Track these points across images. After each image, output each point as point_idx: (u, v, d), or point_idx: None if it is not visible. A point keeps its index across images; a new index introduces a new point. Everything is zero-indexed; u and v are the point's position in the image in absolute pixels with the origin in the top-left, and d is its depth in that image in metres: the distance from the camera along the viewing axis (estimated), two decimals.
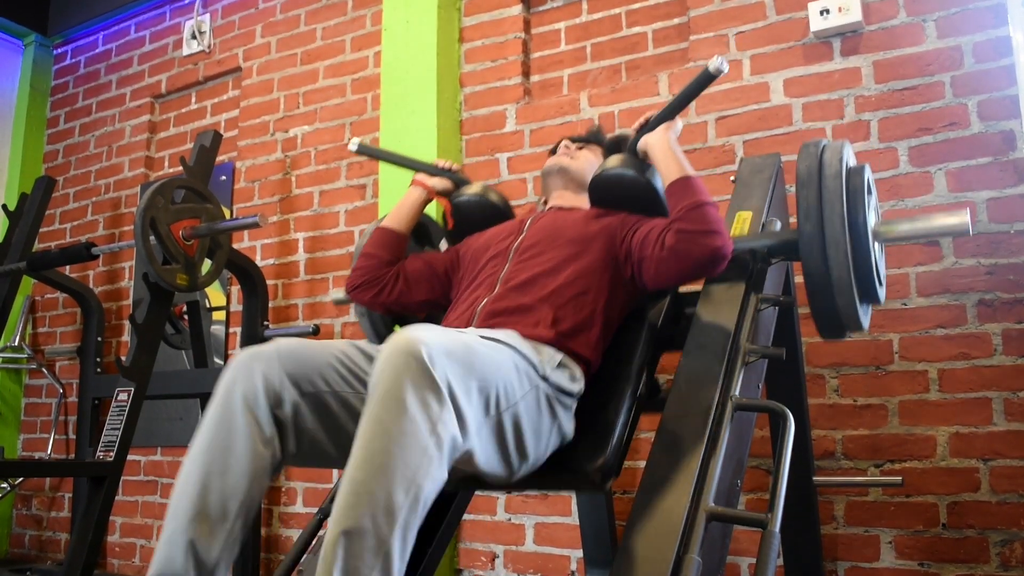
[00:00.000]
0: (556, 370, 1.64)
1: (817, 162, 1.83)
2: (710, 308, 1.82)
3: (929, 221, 1.85)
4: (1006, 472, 2.36)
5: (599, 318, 1.78)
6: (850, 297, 1.78)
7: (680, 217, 1.71)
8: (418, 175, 2.23)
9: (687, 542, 1.36)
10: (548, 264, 1.84)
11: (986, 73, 2.55)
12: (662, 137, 1.85)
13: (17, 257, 3.73)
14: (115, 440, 2.76)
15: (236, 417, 1.39)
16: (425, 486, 1.21)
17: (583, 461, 1.65)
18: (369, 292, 2.06)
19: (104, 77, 4.76)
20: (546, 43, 3.41)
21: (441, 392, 1.25)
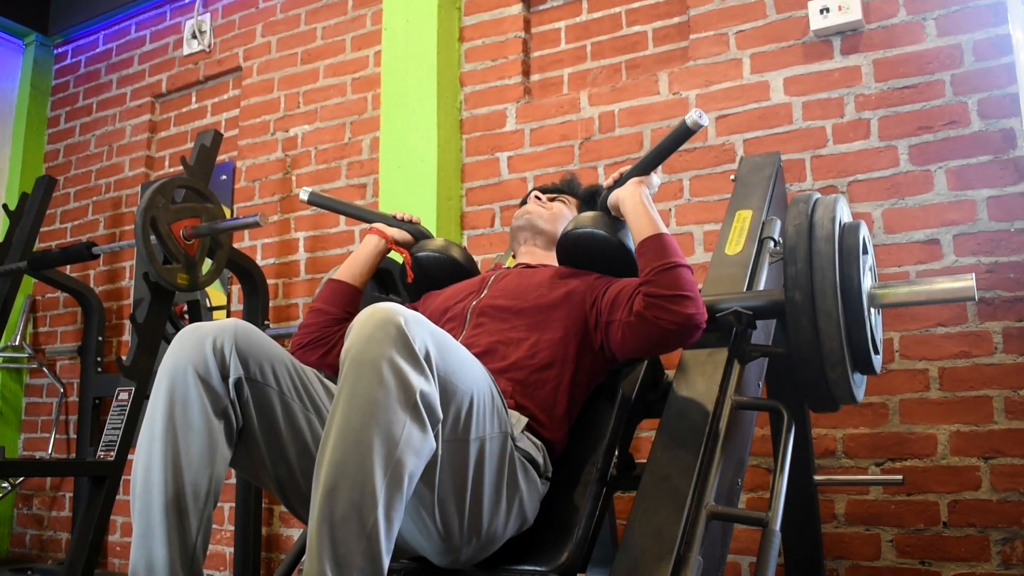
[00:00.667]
0: (522, 435, 1.52)
1: (807, 222, 1.68)
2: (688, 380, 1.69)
3: (931, 286, 1.73)
4: (1007, 470, 2.36)
5: (563, 394, 1.64)
6: (843, 370, 1.64)
7: (649, 280, 1.58)
8: (376, 224, 2.08)
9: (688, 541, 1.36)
10: (509, 332, 1.70)
11: (986, 71, 2.55)
12: (633, 192, 1.72)
13: (18, 256, 3.73)
14: (116, 440, 2.76)
15: (188, 387, 1.31)
16: (407, 461, 1.15)
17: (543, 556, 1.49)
18: (316, 352, 1.87)
19: (105, 77, 4.76)
20: (546, 42, 3.41)
21: (419, 361, 1.18)
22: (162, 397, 1.32)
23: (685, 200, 2.93)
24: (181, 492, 1.28)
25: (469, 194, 3.38)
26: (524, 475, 1.48)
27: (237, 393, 1.36)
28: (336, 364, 1.64)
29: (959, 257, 2.50)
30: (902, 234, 2.58)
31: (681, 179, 2.94)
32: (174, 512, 1.27)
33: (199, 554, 1.30)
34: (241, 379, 1.35)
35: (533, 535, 1.53)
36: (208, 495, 1.31)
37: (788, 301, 1.63)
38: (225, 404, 1.34)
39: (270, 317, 3.61)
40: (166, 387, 1.32)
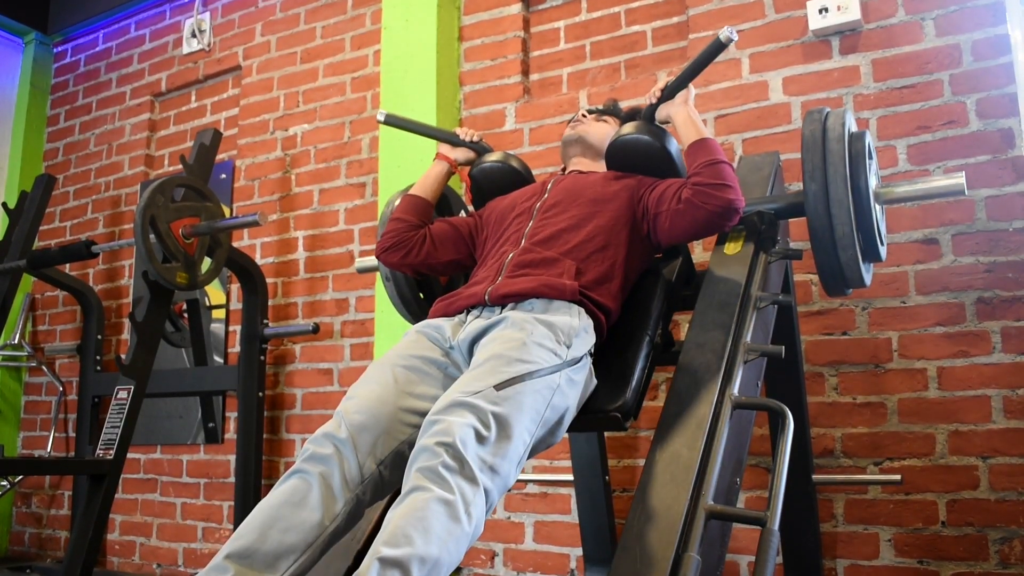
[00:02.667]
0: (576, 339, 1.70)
1: (821, 127, 1.92)
2: (722, 265, 1.93)
3: (927, 183, 2.00)
4: (1005, 470, 2.37)
5: (619, 271, 1.88)
6: (853, 252, 1.88)
7: (697, 172, 1.82)
8: (441, 147, 2.32)
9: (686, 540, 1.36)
10: (570, 221, 1.93)
11: (985, 71, 2.55)
12: (682, 107, 1.96)
13: (17, 255, 3.73)
14: (115, 438, 2.76)
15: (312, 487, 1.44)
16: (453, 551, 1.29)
17: (605, 402, 1.74)
18: (398, 253, 2.12)
19: (104, 75, 4.76)
20: (545, 42, 3.41)
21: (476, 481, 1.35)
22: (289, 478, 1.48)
23: None
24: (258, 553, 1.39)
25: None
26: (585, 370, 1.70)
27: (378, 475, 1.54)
28: (414, 263, 2.14)
29: (957, 256, 2.51)
30: (901, 234, 2.58)
31: None
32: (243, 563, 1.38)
33: None
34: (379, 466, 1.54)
35: (595, 390, 1.77)
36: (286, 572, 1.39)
37: (806, 191, 1.89)
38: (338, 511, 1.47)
39: (269, 316, 3.61)
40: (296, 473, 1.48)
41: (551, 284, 1.75)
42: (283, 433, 3.65)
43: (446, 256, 2.14)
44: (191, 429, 3.91)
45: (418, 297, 2.36)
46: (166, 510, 3.92)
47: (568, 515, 2.93)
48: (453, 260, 2.15)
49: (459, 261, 2.16)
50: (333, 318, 3.61)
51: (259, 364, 3.49)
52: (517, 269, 1.84)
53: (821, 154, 1.89)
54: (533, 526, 3.00)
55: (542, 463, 3.02)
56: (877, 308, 2.58)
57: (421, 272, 2.20)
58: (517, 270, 1.84)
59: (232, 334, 3.89)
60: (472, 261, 2.15)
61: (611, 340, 1.85)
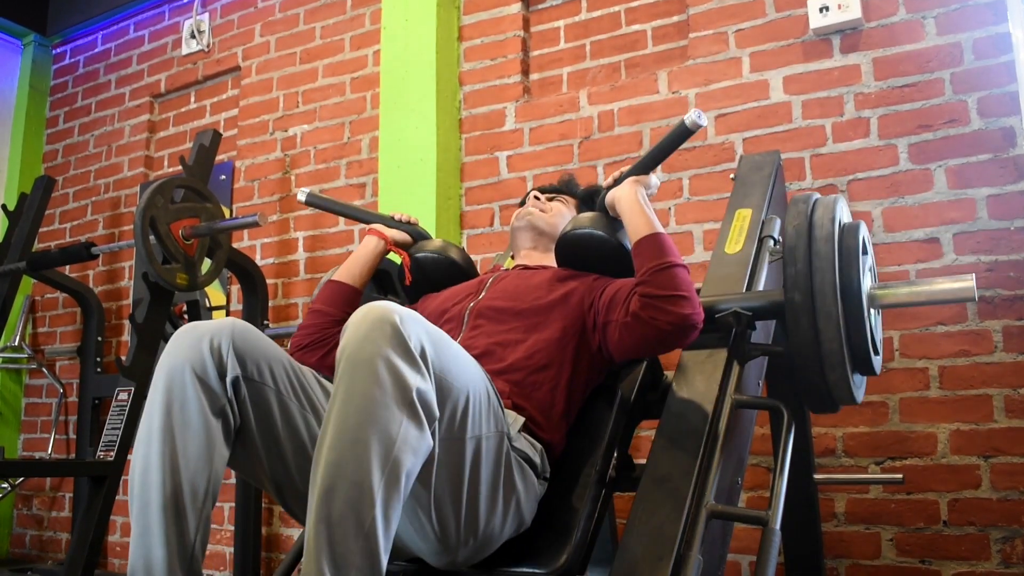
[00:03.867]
0: (519, 435, 1.52)
1: (807, 222, 1.67)
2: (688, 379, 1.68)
3: (931, 286, 1.72)
4: (1007, 469, 2.36)
5: (561, 395, 1.64)
6: (842, 372, 1.63)
7: (645, 280, 1.57)
8: (375, 225, 2.08)
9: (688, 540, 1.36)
10: (506, 334, 1.69)
11: (986, 70, 2.54)
12: (630, 191, 1.71)
13: (17, 257, 3.73)
14: (115, 440, 2.76)
15: (186, 386, 1.30)
16: (404, 459, 1.15)
17: (541, 559, 1.48)
18: (316, 354, 1.86)
19: (103, 77, 4.75)
20: (545, 41, 3.41)
21: (415, 359, 1.18)
22: (159, 396, 1.31)
23: (684, 199, 2.93)
24: (179, 492, 1.27)
25: (468, 193, 3.38)
26: (521, 475, 1.48)
27: (235, 392, 1.35)
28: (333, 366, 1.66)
29: (959, 256, 2.50)
30: (902, 233, 2.58)
31: (681, 178, 2.94)
32: (172, 512, 1.27)
33: (198, 554, 1.29)
34: (239, 378, 1.35)
35: (531, 536, 1.52)
36: (207, 494, 1.30)
37: (788, 302, 1.62)
38: (223, 403, 1.34)
39: (269, 317, 3.61)
40: (163, 386, 1.31)
41: None
42: None
43: None
44: None
45: None
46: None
47: None
48: None
49: None
50: None
51: None
52: None
53: (806, 257, 1.62)
54: None
55: None
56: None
57: None
58: None
59: None
60: None
61: (554, 477, 1.61)
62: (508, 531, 1.48)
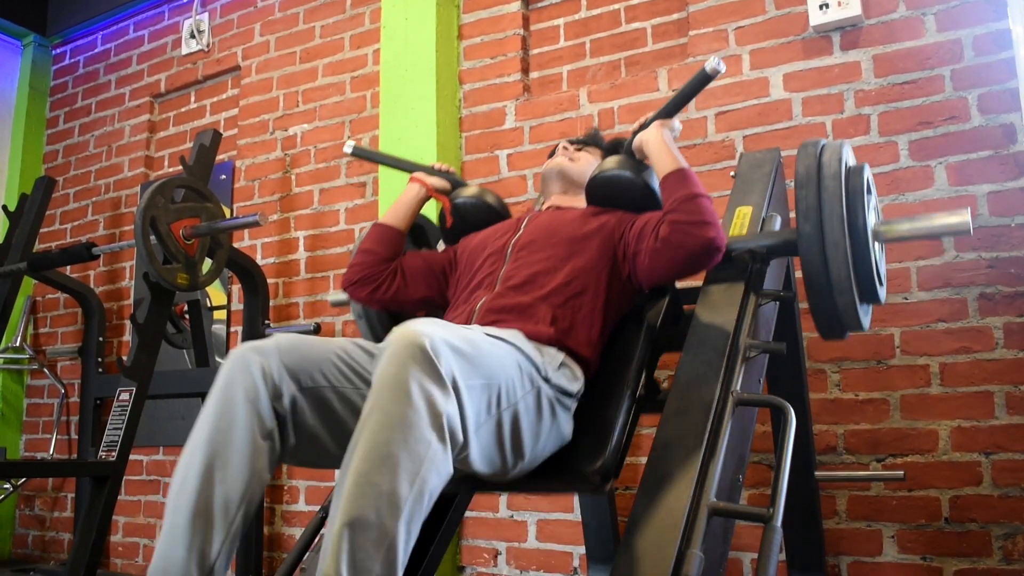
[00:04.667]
0: (558, 371, 1.64)
1: (816, 162, 1.82)
2: (709, 308, 1.80)
3: (929, 220, 1.85)
4: (1008, 466, 2.36)
5: (597, 317, 1.78)
6: (850, 297, 1.77)
7: (673, 208, 1.72)
8: (416, 173, 2.23)
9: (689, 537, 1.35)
10: (547, 263, 1.84)
11: (986, 66, 2.54)
12: (656, 133, 1.87)
13: (18, 258, 3.73)
14: (117, 440, 2.76)
15: (236, 409, 1.37)
16: (430, 479, 1.21)
17: (582, 462, 1.64)
18: (366, 288, 2.05)
19: (103, 77, 4.76)
20: (545, 39, 3.41)
21: (445, 384, 1.25)
22: (210, 415, 1.38)
23: None
24: (210, 503, 1.32)
25: None
26: (560, 407, 1.62)
27: (293, 407, 1.44)
28: (383, 299, 2.04)
29: (959, 252, 2.50)
30: None
31: None
32: (200, 521, 1.31)
33: (219, 570, 1.33)
34: (295, 394, 1.44)
35: (571, 445, 1.68)
36: (238, 512, 1.35)
37: (800, 232, 1.78)
38: (271, 428, 1.41)
39: (270, 316, 3.61)
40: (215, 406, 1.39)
41: (525, 333, 1.66)
42: None
43: (417, 293, 2.05)
44: None
45: None
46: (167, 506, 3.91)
47: (571, 513, 2.92)
48: (424, 298, 2.06)
49: (430, 299, 2.07)
50: (334, 318, 3.61)
51: None
52: (489, 315, 1.75)
53: (816, 192, 1.78)
54: (536, 524, 3.00)
55: None
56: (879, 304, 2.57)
57: (390, 309, 2.12)
58: (489, 315, 1.75)
59: (234, 335, 3.89)
60: (444, 300, 2.06)
61: (590, 393, 1.76)
62: (552, 449, 1.64)
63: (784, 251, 1.90)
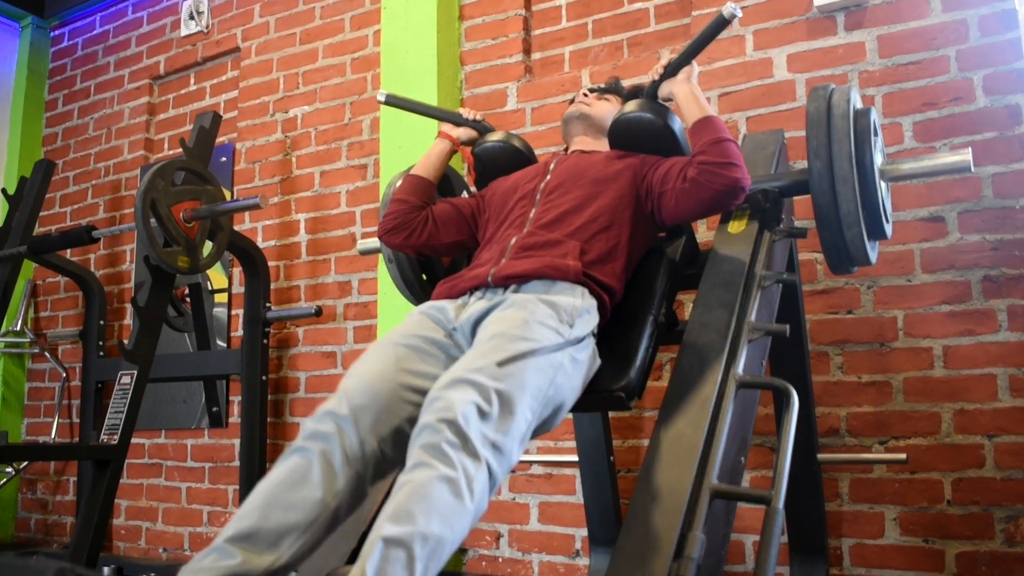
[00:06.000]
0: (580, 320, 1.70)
1: (826, 103, 1.91)
2: (726, 243, 1.91)
3: (933, 160, 2.00)
4: (1011, 448, 2.36)
5: (623, 250, 1.88)
6: (858, 230, 1.86)
7: (702, 151, 1.81)
8: (444, 126, 2.30)
9: (691, 519, 1.35)
10: (574, 202, 1.93)
11: (992, 47, 2.52)
12: (685, 84, 1.96)
13: (18, 241, 3.72)
14: (119, 423, 2.76)
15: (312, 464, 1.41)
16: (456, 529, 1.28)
17: (608, 382, 1.73)
18: (400, 235, 2.12)
19: (102, 59, 4.73)
20: (547, 20, 3.38)
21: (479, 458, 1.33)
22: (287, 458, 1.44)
23: None
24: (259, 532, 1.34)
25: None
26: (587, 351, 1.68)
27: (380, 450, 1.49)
28: (416, 244, 2.13)
29: (964, 234, 2.49)
30: (907, 211, 2.56)
31: None
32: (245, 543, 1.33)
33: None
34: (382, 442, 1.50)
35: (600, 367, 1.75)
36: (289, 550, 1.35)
37: (810, 168, 1.87)
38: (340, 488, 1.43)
39: (271, 299, 3.60)
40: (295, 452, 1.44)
41: (554, 265, 1.75)
42: (287, 416, 3.65)
43: (448, 237, 2.13)
44: (195, 414, 3.91)
45: (421, 279, 2.35)
46: (171, 495, 3.93)
47: (573, 496, 2.92)
48: (456, 241, 2.14)
49: (462, 242, 2.15)
50: (336, 301, 3.60)
51: (262, 348, 3.48)
52: (521, 251, 1.84)
53: (826, 131, 1.87)
54: (538, 507, 3.00)
55: (547, 444, 3.02)
56: (882, 287, 2.57)
57: (423, 253, 2.20)
58: (521, 252, 1.83)
59: (235, 318, 3.89)
60: (475, 242, 2.14)
61: (615, 320, 1.85)
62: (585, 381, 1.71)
63: (795, 190, 2.01)
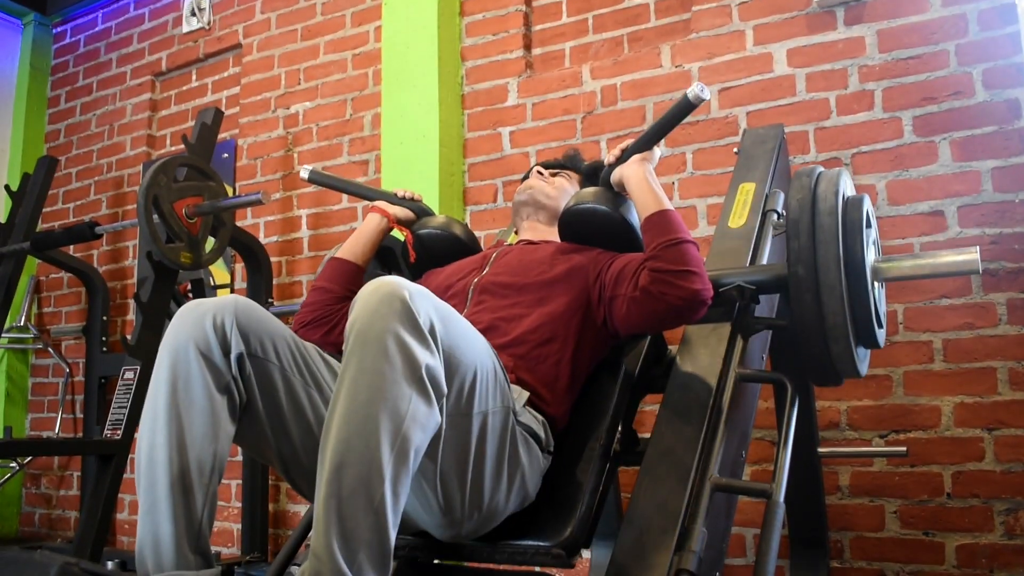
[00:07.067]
0: (523, 409, 1.52)
1: (810, 195, 1.67)
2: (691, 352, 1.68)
3: (935, 259, 1.72)
4: (1011, 441, 2.37)
5: (565, 369, 1.64)
6: (846, 344, 1.62)
7: (655, 255, 1.58)
8: (378, 202, 2.06)
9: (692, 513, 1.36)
10: (511, 309, 1.70)
11: (991, 41, 2.52)
12: (638, 168, 1.71)
13: (21, 237, 3.73)
14: (122, 418, 2.77)
15: (190, 364, 1.31)
16: (413, 436, 1.15)
17: (546, 531, 1.48)
18: (319, 330, 1.86)
19: (104, 56, 4.74)
20: (547, 15, 3.38)
21: (424, 335, 1.18)
22: (164, 375, 1.32)
23: (688, 173, 2.92)
24: (186, 469, 1.28)
25: (471, 169, 3.37)
26: (526, 449, 1.49)
27: (239, 369, 1.35)
28: (339, 343, 1.76)
29: (963, 229, 2.49)
30: (906, 206, 2.57)
31: (684, 152, 2.93)
32: (179, 488, 1.27)
33: (205, 530, 1.30)
34: (243, 355, 1.35)
35: (536, 510, 1.53)
36: (213, 471, 1.31)
37: (791, 275, 1.62)
38: (227, 380, 1.34)
39: (273, 295, 3.61)
40: (167, 364, 1.32)
41: None
42: None
43: None
44: None
45: None
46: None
47: None
48: None
49: None
50: None
51: None
52: None
53: (809, 231, 1.62)
54: None
55: None
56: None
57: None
58: None
59: None
60: None
61: (558, 451, 1.60)
62: (513, 505, 1.49)
63: (775, 289, 1.74)
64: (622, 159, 1.76)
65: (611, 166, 1.79)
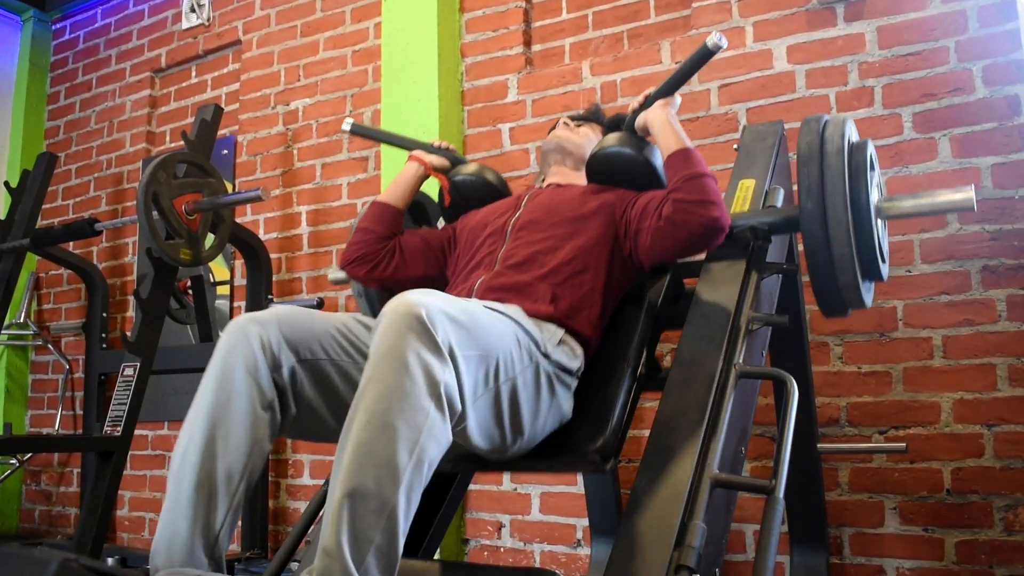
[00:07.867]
0: (557, 347, 1.63)
1: (819, 138, 1.80)
2: (710, 285, 1.79)
3: (933, 197, 1.83)
4: (1010, 438, 2.37)
5: (598, 296, 1.77)
6: (852, 274, 1.76)
7: (677, 187, 1.70)
8: (415, 151, 2.20)
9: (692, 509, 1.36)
10: (547, 242, 1.82)
11: (991, 37, 2.52)
12: (660, 112, 1.84)
13: (21, 234, 3.73)
14: (122, 415, 2.77)
15: (235, 380, 1.38)
16: (429, 448, 1.21)
17: (582, 442, 1.62)
18: (364, 267, 2.03)
19: (103, 52, 4.73)
20: (547, 12, 3.38)
21: (442, 353, 1.24)
22: (211, 383, 1.39)
23: None
24: (213, 475, 1.33)
25: None
26: (559, 383, 1.61)
27: (292, 379, 1.44)
28: (382, 278, 2.02)
29: (963, 225, 2.49)
30: None
31: None
32: (204, 492, 1.32)
33: (223, 539, 1.34)
34: (294, 366, 1.44)
35: (572, 424, 1.67)
36: (240, 482, 1.36)
37: (802, 209, 1.76)
38: (271, 398, 1.42)
39: (273, 291, 3.61)
40: (215, 375, 1.40)
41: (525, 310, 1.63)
42: None
43: (416, 271, 2.03)
44: None
45: None
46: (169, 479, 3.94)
47: (574, 486, 2.94)
48: (423, 275, 2.04)
49: (430, 277, 2.04)
50: (337, 293, 3.61)
51: None
52: (488, 293, 1.74)
53: (818, 169, 1.76)
54: (539, 497, 3.02)
55: None
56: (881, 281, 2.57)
57: (389, 287, 2.06)
58: (488, 294, 1.74)
59: (237, 310, 3.90)
60: (444, 278, 2.04)
61: (590, 372, 1.74)
62: (551, 427, 1.63)
63: (786, 228, 1.88)
64: (646, 105, 1.89)
65: (635, 112, 1.91)
